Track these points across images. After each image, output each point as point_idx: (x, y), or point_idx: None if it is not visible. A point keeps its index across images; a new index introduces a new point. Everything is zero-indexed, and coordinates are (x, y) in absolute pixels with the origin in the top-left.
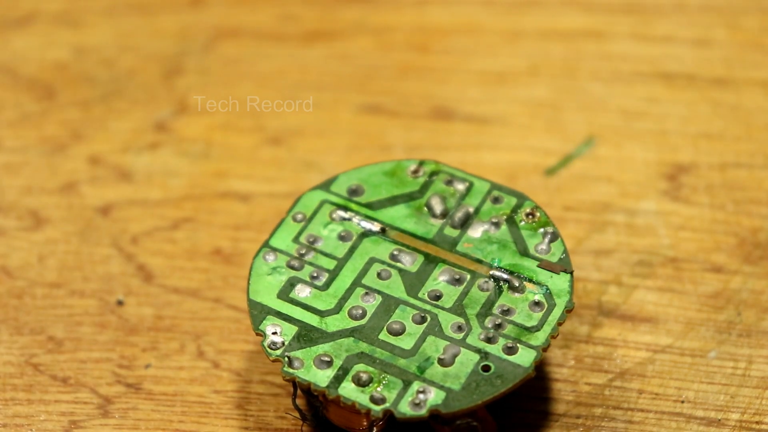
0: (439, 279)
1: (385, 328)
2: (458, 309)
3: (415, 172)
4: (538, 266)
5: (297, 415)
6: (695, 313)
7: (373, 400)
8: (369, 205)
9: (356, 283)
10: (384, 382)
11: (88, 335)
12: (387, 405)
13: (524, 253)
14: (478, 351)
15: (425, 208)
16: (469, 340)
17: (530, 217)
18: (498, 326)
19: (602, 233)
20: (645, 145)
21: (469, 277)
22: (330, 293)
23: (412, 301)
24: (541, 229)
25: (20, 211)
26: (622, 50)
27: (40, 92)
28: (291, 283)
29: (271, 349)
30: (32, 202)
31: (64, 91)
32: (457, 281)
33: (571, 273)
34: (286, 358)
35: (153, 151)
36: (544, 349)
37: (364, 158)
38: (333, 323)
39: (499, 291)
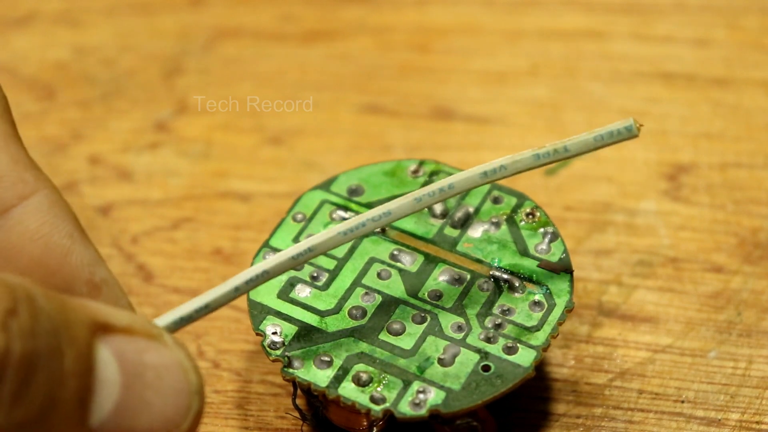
0: (439, 279)
1: (385, 328)
2: (458, 309)
3: (415, 172)
4: (538, 266)
5: (297, 415)
6: (695, 313)
7: (373, 400)
8: (369, 205)
9: (356, 283)
10: (384, 382)
11: None
12: (387, 405)
13: (524, 253)
14: (478, 351)
15: (425, 208)
16: (469, 340)
17: (530, 217)
18: (498, 326)
19: (602, 233)
20: (645, 145)
21: (469, 277)
22: (330, 293)
23: (412, 301)
24: (541, 229)
25: None
26: (622, 50)
27: (40, 92)
28: (291, 283)
29: (271, 349)
30: None
31: (64, 91)
32: (457, 281)
33: (571, 273)
34: (286, 358)
35: (153, 151)
36: (544, 349)
37: (364, 158)
38: (333, 323)
39: (499, 291)
